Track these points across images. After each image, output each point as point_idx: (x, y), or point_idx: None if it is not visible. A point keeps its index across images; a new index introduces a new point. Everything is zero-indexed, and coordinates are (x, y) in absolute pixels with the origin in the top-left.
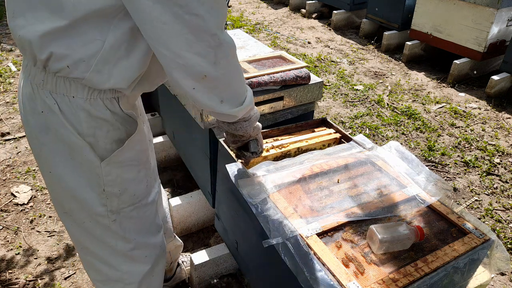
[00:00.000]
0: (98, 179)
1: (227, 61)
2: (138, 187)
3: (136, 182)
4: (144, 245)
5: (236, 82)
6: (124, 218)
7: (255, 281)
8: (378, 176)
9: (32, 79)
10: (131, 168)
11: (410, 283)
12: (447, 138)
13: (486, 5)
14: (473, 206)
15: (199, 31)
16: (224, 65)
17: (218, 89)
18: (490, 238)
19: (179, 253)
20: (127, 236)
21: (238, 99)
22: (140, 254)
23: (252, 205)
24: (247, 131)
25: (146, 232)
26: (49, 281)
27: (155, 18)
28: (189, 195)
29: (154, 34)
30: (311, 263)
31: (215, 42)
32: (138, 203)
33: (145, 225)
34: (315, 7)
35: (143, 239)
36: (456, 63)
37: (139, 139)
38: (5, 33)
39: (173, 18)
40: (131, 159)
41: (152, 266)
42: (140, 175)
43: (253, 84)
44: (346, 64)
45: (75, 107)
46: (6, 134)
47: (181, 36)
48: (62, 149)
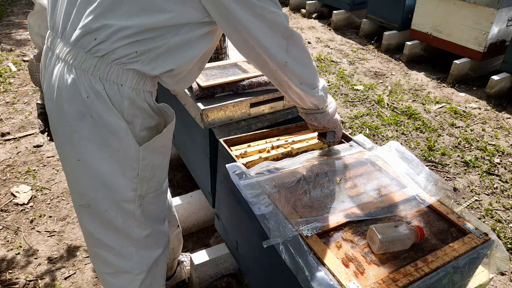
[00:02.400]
0: (134, 163)
1: (298, 48)
2: (162, 173)
3: (161, 168)
4: (156, 232)
5: (308, 66)
6: (146, 204)
7: (255, 281)
8: (378, 176)
9: (79, 65)
10: (159, 155)
11: (410, 283)
12: (447, 138)
13: (486, 5)
14: (473, 206)
15: (275, 26)
16: (296, 52)
17: (296, 73)
18: (490, 238)
19: (180, 249)
20: (146, 222)
21: (312, 82)
22: (152, 241)
23: (252, 205)
24: (321, 123)
25: (159, 219)
26: (49, 281)
27: (244, 22)
28: (189, 195)
29: (246, 35)
30: (311, 263)
31: (287, 33)
32: (160, 189)
33: (159, 212)
34: (315, 7)
35: (156, 226)
36: (456, 63)
37: (170, 129)
38: (5, 33)
39: (257, 18)
40: (162, 146)
41: (163, 251)
42: (164, 162)
43: (253, 84)
44: (346, 64)
45: (122, 94)
46: (6, 134)
47: (264, 31)
48: (98, 135)
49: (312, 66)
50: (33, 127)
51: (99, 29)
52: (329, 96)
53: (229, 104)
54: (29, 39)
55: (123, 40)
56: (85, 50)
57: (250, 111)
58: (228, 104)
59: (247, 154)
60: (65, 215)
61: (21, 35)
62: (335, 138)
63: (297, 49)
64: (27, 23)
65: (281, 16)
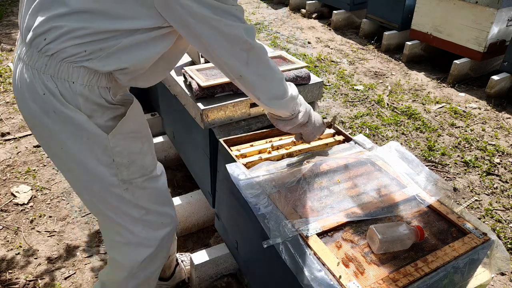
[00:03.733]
0: (107, 150)
1: (259, 61)
2: (146, 158)
3: (142, 154)
4: (160, 213)
5: (271, 79)
6: (136, 188)
7: (255, 281)
8: (378, 176)
9: (33, 64)
10: (135, 140)
11: (410, 283)
12: (447, 138)
13: (486, 5)
14: (473, 206)
15: (233, 39)
16: (256, 65)
17: (255, 86)
18: (490, 238)
19: (174, 246)
20: (140, 204)
21: (276, 94)
22: (156, 220)
23: (252, 205)
24: (282, 128)
25: (161, 202)
26: (49, 281)
27: (201, 34)
28: (189, 195)
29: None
30: (311, 263)
31: (246, 46)
32: (150, 174)
33: (158, 195)
34: (315, 7)
35: (159, 208)
36: (456, 63)
37: (137, 112)
38: (5, 33)
39: (213, 31)
40: (134, 131)
41: (170, 230)
42: (144, 148)
43: None
44: (346, 64)
45: (74, 91)
46: (6, 134)
47: (220, 44)
48: (66, 127)
49: (276, 79)
50: None
51: (49, 30)
52: (303, 105)
53: (229, 104)
54: None
55: (73, 40)
56: (37, 49)
57: (250, 111)
58: (228, 104)
59: (247, 155)
60: (65, 215)
61: None
62: (303, 138)
63: (258, 62)
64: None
65: (239, 29)
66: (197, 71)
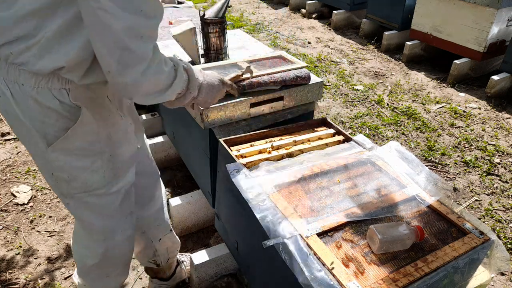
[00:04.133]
0: (46, 163)
1: (132, 69)
2: (92, 176)
3: (89, 171)
4: (103, 229)
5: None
6: (79, 203)
7: (255, 281)
8: (378, 176)
9: None
10: (82, 158)
11: (410, 283)
12: (447, 138)
13: (486, 5)
14: (473, 206)
15: (105, 28)
16: (130, 73)
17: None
18: (490, 238)
19: (177, 250)
20: (84, 219)
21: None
22: (98, 237)
23: (252, 205)
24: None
25: (108, 217)
26: (49, 281)
27: (84, 11)
28: (189, 195)
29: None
30: (311, 263)
31: (120, 44)
32: (94, 191)
33: (106, 211)
34: (315, 7)
35: (102, 224)
36: (456, 63)
37: (87, 131)
38: None
39: (89, 11)
40: (81, 149)
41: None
42: (94, 166)
43: (253, 84)
44: (346, 64)
45: (24, 94)
46: (6, 134)
47: (94, 29)
48: (19, 130)
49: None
50: None
51: None
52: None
53: (229, 104)
54: None
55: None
56: None
57: (250, 111)
58: (228, 104)
59: (247, 155)
60: (65, 215)
61: None
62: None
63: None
64: None
65: (118, 20)
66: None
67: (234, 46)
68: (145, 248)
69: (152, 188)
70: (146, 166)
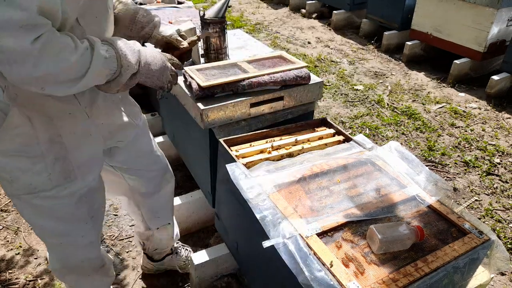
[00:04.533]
0: None
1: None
2: (36, 178)
3: (31, 173)
4: (54, 233)
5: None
6: (25, 204)
7: (255, 281)
8: (378, 176)
9: None
10: (20, 159)
11: (410, 283)
12: (447, 138)
13: (486, 5)
14: (473, 206)
15: None
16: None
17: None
18: (490, 238)
19: (169, 246)
20: (32, 221)
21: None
22: (52, 241)
23: (252, 205)
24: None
25: (60, 221)
26: (49, 281)
27: None
28: (189, 195)
29: None
30: (311, 263)
31: None
32: (39, 194)
33: (57, 214)
34: (315, 7)
35: (53, 228)
36: (456, 63)
37: (20, 133)
38: None
39: None
40: (17, 151)
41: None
42: (36, 168)
43: (253, 84)
44: (346, 64)
45: None
46: None
47: None
48: None
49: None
50: None
51: None
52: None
53: (229, 104)
54: None
55: None
56: None
57: (250, 111)
58: (228, 104)
59: (247, 154)
60: None
61: None
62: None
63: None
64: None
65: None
66: (197, 71)
67: (234, 46)
68: (144, 230)
69: (157, 182)
70: (147, 159)
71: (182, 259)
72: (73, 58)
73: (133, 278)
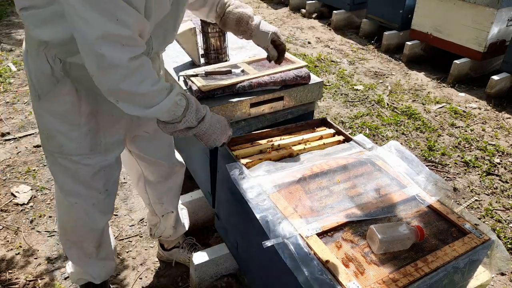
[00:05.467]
0: (36, 115)
1: (113, 76)
2: (67, 143)
3: (65, 137)
4: (71, 192)
5: (132, 94)
6: (55, 161)
7: (255, 281)
8: (378, 176)
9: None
10: (61, 122)
11: (410, 283)
12: (447, 138)
13: (486, 5)
14: (473, 206)
15: (82, 35)
16: (110, 79)
17: (110, 94)
18: (490, 238)
19: (176, 236)
20: (57, 178)
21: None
22: (70, 200)
23: (252, 205)
24: (165, 132)
25: (79, 183)
26: (49, 281)
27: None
28: (189, 195)
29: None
30: (311, 263)
31: (96, 50)
32: (67, 157)
33: (78, 178)
34: (315, 7)
35: (71, 188)
36: (456, 63)
37: (67, 101)
38: (5, 33)
39: (68, 16)
40: (61, 115)
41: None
42: (71, 134)
43: (253, 85)
44: (346, 64)
45: (31, 51)
46: (6, 134)
47: (75, 33)
48: (28, 78)
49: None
50: (33, 127)
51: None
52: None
53: (229, 104)
54: None
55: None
56: None
57: (250, 111)
58: (228, 104)
59: (247, 154)
60: None
61: (21, 35)
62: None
63: (109, 76)
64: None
65: (93, 27)
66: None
67: (234, 46)
68: (151, 215)
69: (165, 173)
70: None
71: (187, 256)
72: (152, 88)
73: (133, 278)
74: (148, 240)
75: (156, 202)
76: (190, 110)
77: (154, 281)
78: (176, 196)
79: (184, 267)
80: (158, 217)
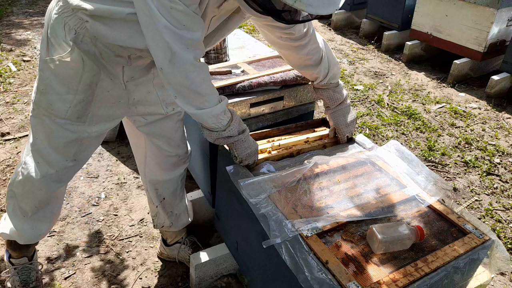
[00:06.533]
0: (40, 69)
1: (181, 70)
2: (58, 103)
3: (59, 97)
4: (41, 150)
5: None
6: (39, 116)
7: (255, 281)
8: (378, 176)
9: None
10: (59, 83)
11: (410, 283)
12: (447, 138)
13: (486, 5)
14: (473, 206)
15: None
16: (179, 72)
17: (173, 86)
18: (490, 238)
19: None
20: (34, 130)
21: (195, 104)
22: (36, 156)
23: (252, 205)
24: (208, 139)
25: (51, 145)
26: (49, 281)
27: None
28: (189, 195)
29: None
30: (311, 263)
31: (171, 49)
32: (51, 117)
33: (52, 139)
34: None
35: (42, 147)
36: (456, 63)
37: (73, 67)
38: (5, 33)
39: (145, 22)
40: (61, 75)
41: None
42: (65, 97)
43: (253, 85)
44: (346, 64)
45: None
46: (6, 134)
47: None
48: (44, 31)
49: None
50: None
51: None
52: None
53: (229, 104)
54: (29, 39)
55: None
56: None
57: (250, 111)
58: (228, 104)
59: None
60: (65, 215)
61: (21, 35)
62: (233, 156)
63: (181, 69)
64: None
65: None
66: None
67: (234, 46)
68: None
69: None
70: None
71: (188, 253)
72: (210, 91)
73: (133, 278)
74: (148, 240)
75: (151, 189)
76: (234, 120)
77: (154, 281)
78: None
79: (184, 267)
80: (155, 207)
